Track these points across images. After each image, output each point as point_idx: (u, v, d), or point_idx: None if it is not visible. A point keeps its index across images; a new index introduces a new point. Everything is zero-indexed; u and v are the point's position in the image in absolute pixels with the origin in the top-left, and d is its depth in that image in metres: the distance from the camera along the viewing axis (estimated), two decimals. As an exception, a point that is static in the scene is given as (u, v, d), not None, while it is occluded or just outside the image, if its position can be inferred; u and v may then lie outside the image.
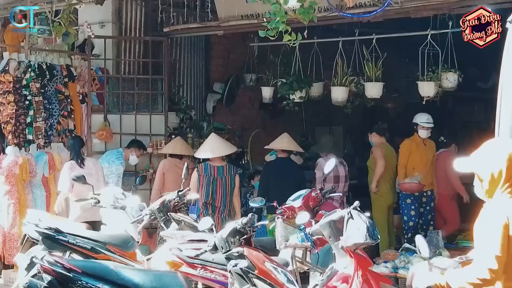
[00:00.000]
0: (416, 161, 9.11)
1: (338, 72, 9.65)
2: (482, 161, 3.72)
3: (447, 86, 8.91)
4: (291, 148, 9.12)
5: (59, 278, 5.04)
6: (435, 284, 3.74)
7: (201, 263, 5.96)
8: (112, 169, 9.31)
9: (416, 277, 3.92)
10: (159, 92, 10.33)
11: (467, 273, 3.60)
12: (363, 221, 5.68)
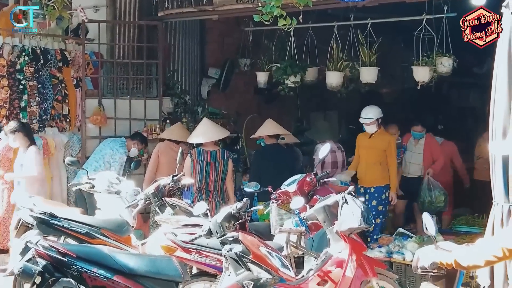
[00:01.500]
0: (361, 156, 8.90)
1: (333, 57, 9.62)
2: None
3: (442, 71, 8.87)
4: (277, 132, 9.13)
5: (54, 262, 5.03)
6: (440, 262, 3.76)
7: (196, 247, 5.98)
8: (116, 157, 9.30)
9: (420, 258, 3.94)
10: (154, 77, 10.28)
11: (481, 250, 3.61)
12: (357, 206, 5.73)
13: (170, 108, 10.62)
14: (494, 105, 5.06)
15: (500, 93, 4.98)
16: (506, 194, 4.92)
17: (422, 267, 3.90)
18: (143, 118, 10.05)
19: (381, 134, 8.72)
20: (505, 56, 4.91)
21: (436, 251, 3.93)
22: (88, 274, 4.98)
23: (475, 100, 13.77)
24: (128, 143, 9.43)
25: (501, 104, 4.95)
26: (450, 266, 3.73)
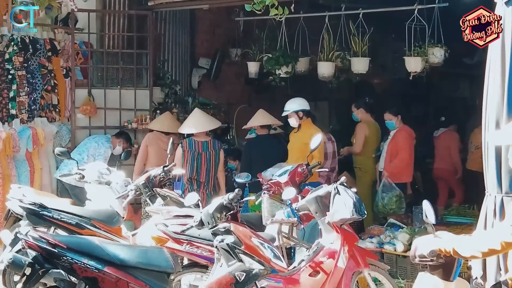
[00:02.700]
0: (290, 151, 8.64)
1: (325, 47, 9.58)
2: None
3: (434, 61, 8.87)
4: (268, 123, 9.11)
5: (44, 253, 4.99)
6: (439, 249, 3.74)
7: (187, 238, 5.95)
8: (101, 150, 9.28)
9: (419, 246, 3.91)
10: (144, 67, 10.25)
11: (480, 242, 3.59)
12: (349, 196, 5.72)
13: (161, 98, 10.57)
14: (487, 96, 5.03)
15: (493, 84, 4.95)
16: (499, 184, 4.90)
17: (421, 255, 3.87)
18: (133, 108, 10.02)
19: (305, 128, 8.41)
20: (498, 47, 4.89)
21: (434, 238, 3.91)
22: (79, 265, 4.93)
23: (466, 90, 13.78)
24: (113, 140, 9.42)
25: (494, 95, 4.92)
26: (449, 254, 3.71)
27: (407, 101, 13.46)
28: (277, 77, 9.96)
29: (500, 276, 4.84)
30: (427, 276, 4.00)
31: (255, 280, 5.12)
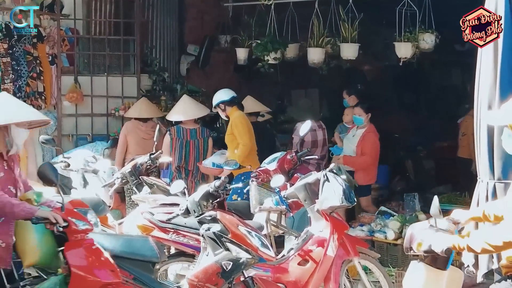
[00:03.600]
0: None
1: (314, 33, 9.45)
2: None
3: (424, 47, 8.75)
4: (256, 109, 9.00)
5: None
6: (453, 245, 3.64)
7: (173, 227, 5.86)
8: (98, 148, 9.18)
9: (426, 241, 3.79)
10: (131, 54, 10.15)
11: (492, 235, 3.49)
12: (339, 183, 5.63)
13: (148, 86, 10.46)
14: (479, 81, 4.95)
15: (486, 68, 4.87)
16: (491, 170, 4.82)
17: (429, 250, 3.75)
18: (120, 96, 9.92)
19: (231, 118, 8.17)
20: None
21: (444, 235, 3.79)
22: None
23: (457, 77, 13.71)
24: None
25: (486, 79, 4.84)
26: (463, 250, 3.63)
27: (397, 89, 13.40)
28: (266, 64, 9.84)
29: (492, 264, 4.77)
30: (420, 265, 3.90)
31: (242, 269, 5.03)
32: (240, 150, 7.83)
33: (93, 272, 4.66)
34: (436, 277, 3.88)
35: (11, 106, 4.73)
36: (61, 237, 4.72)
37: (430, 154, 12.27)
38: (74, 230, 4.67)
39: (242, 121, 7.99)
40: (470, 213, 4.10)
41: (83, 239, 4.73)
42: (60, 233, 4.66)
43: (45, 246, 4.83)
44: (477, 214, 4.08)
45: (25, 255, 4.84)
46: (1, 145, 4.68)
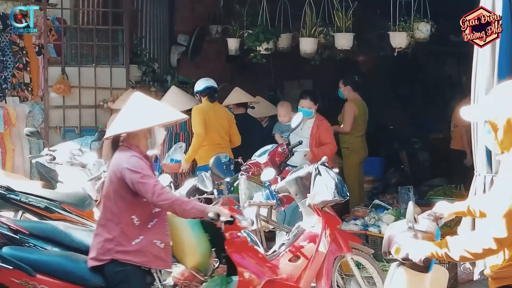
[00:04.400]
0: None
1: (307, 22, 9.30)
2: (496, 106, 3.33)
3: (420, 36, 8.63)
4: (244, 101, 8.84)
5: (5, 240, 4.79)
6: (431, 254, 3.44)
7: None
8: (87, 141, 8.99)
9: (404, 248, 3.59)
10: (120, 44, 10.04)
11: (470, 242, 3.31)
12: (331, 177, 5.48)
13: (138, 77, 10.37)
14: (476, 71, 4.79)
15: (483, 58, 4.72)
16: (489, 164, 4.67)
17: (406, 258, 3.57)
18: (109, 87, 9.80)
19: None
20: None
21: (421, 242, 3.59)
22: None
23: (452, 67, 13.58)
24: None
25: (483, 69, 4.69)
26: (442, 258, 3.44)
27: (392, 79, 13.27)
28: (258, 54, 9.67)
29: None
30: (400, 269, 3.71)
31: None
32: (193, 141, 7.70)
33: (256, 269, 4.71)
34: (418, 280, 3.69)
35: (155, 107, 4.60)
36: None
37: (425, 146, 12.14)
38: (233, 227, 4.65)
39: (199, 111, 7.83)
40: (453, 207, 3.91)
41: (238, 237, 4.74)
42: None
43: (203, 246, 4.79)
44: (461, 208, 3.90)
45: (186, 257, 4.75)
46: (144, 146, 4.55)
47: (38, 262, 4.38)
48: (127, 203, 4.39)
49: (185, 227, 4.73)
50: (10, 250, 4.43)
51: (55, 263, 4.42)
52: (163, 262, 4.53)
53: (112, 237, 4.38)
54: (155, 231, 4.45)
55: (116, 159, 4.49)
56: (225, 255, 4.81)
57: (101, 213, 4.51)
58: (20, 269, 4.29)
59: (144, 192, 4.29)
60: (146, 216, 4.43)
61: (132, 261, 4.37)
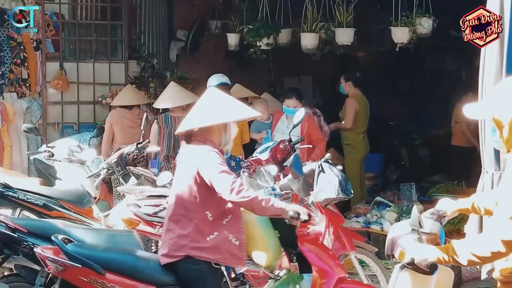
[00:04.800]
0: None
1: (308, 17, 9.19)
2: (500, 103, 3.24)
3: (421, 32, 8.55)
4: (245, 95, 8.77)
5: (3, 238, 4.74)
6: (437, 259, 3.35)
7: (160, 220, 5.56)
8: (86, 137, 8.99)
9: (408, 253, 3.50)
10: (119, 39, 9.95)
11: (478, 245, 3.22)
12: (335, 174, 5.40)
13: (137, 72, 10.23)
14: (484, 66, 4.70)
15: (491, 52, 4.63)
16: (497, 161, 4.58)
17: (410, 263, 3.48)
18: (107, 83, 9.71)
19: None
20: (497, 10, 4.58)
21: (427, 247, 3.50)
22: None
23: (453, 63, 13.50)
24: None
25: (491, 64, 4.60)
26: (449, 263, 3.35)
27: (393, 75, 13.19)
28: (258, 50, 9.58)
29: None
30: (405, 272, 3.62)
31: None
32: None
33: (329, 267, 4.61)
34: (423, 282, 3.60)
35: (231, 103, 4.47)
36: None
37: (426, 142, 12.07)
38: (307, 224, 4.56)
39: None
40: (457, 204, 3.82)
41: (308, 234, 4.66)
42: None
43: (273, 244, 4.68)
44: (465, 205, 3.81)
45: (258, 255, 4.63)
46: (218, 142, 4.42)
47: (106, 260, 4.26)
48: (202, 199, 4.25)
49: (255, 224, 4.62)
50: (76, 248, 4.30)
51: (124, 260, 4.31)
52: (238, 260, 4.39)
53: (186, 233, 4.23)
54: (229, 228, 4.31)
55: (190, 153, 4.35)
56: (296, 253, 4.70)
57: (173, 209, 4.34)
58: (89, 267, 4.17)
59: (222, 189, 4.15)
60: (220, 212, 4.29)
61: (207, 258, 4.22)
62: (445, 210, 3.82)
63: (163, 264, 4.29)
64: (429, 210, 3.85)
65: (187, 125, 4.38)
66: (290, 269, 4.65)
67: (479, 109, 3.46)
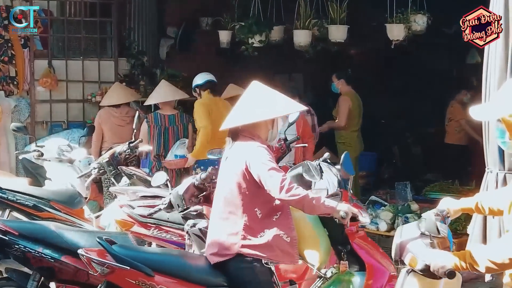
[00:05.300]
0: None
1: (301, 14, 9.11)
2: (509, 104, 3.14)
3: (416, 29, 8.47)
4: (239, 93, 8.65)
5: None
6: (455, 265, 3.25)
7: (155, 222, 5.50)
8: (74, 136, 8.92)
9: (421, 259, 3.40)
10: (108, 36, 9.96)
11: (496, 252, 3.14)
12: (333, 174, 5.26)
13: (126, 70, 10.20)
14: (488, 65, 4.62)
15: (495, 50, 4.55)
16: (501, 161, 4.49)
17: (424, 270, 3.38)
18: (97, 81, 9.71)
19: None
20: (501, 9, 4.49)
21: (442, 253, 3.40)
22: (33, 254, 4.48)
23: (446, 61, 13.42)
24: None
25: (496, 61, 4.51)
26: (466, 270, 3.25)
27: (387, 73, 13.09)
28: (250, 47, 9.49)
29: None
30: (412, 277, 3.53)
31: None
32: (200, 134, 7.52)
33: (382, 263, 4.55)
34: (431, 287, 3.50)
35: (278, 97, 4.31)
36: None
37: (418, 140, 12.01)
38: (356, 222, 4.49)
39: (203, 104, 7.68)
40: (459, 204, 3.73)
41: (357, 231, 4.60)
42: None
43: (324, 242, 4.61)
44: (468, 205, 3.72)
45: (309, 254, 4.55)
46: (264, 137, 4.30)
47: (154, 261, 4.13)
48: (251, 195, 4.11)
49: (306, 221, 4.55)
50: (123, 249, 4.16)
51: (172, 261, 4.18)
52: (291, 257, 4.25)
53: (236, 231, 4.10)
54: (280, 225, 4.17)
55: (238, 149, 4.21)
56: (346, 251, 4.62)
57: (221, 206, 4.21)
58: (138, 269, 4.03)
59: (271, 186, 4.01)
60: (269, 209, 4.15)
61: (259, 256, 4.07)
62: (448, 210, 3.72)
63: (213, 263, 4.17)
64: (432, 211, 3.74)
65: (235, 121, 4.24)
66: (339, 268, 4.59)
67: (486, 111, 3.36)
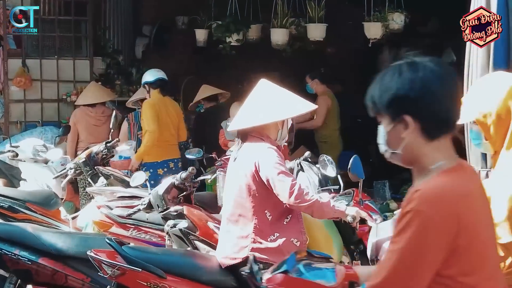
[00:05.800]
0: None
1: (278, 12, 9.04)
2: (481, 103, 3.08)
3: (394, 27, 8.46)
4: (214, 92, 8.64)
5: None
6: None
7: (134, 223, 5.41)
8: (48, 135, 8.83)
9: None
10: (83, 35, 9.89)
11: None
12: (314, 173, 5.27)
13: (102, 69, 10.12)
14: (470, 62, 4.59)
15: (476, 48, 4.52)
16: (484, 158, 4.45)
17: None
18: (72, 80, 9.62)
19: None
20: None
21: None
22: (9, 256, 4.42)
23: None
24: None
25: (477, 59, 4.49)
26: None
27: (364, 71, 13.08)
28: (228, 46, 9.38)
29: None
30: None
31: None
32: (147, 138, 7.27)
33: None
34: None
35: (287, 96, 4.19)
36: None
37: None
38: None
39: (152, 105, 7.42)
40: None
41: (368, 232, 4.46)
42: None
43: (338, 243, 4.59)
44: None
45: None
46: (274, 137, 4.18)
47: (166, 263, 4.05)
48: (260, 197, 4.00)
49: (319, 222, 4.50)
50: (134, 251, 4.06)
51: (184, 263, 4.11)
52: None
53: (246, 234, 4.00)
54: (290, 229, 4.07)
55: (247, 150, 4.09)
56: (359, 252, 4.60)
57: (230, 209, 4.12)
58: (150, 271, 3.93)
59: (281, 191, 3.91)
60: (279, 212, 4.05)
61: (269, 260, 3.90)
62: None
63: (225, 267, 4.09)
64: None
65: (244, 123, 4.11)
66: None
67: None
